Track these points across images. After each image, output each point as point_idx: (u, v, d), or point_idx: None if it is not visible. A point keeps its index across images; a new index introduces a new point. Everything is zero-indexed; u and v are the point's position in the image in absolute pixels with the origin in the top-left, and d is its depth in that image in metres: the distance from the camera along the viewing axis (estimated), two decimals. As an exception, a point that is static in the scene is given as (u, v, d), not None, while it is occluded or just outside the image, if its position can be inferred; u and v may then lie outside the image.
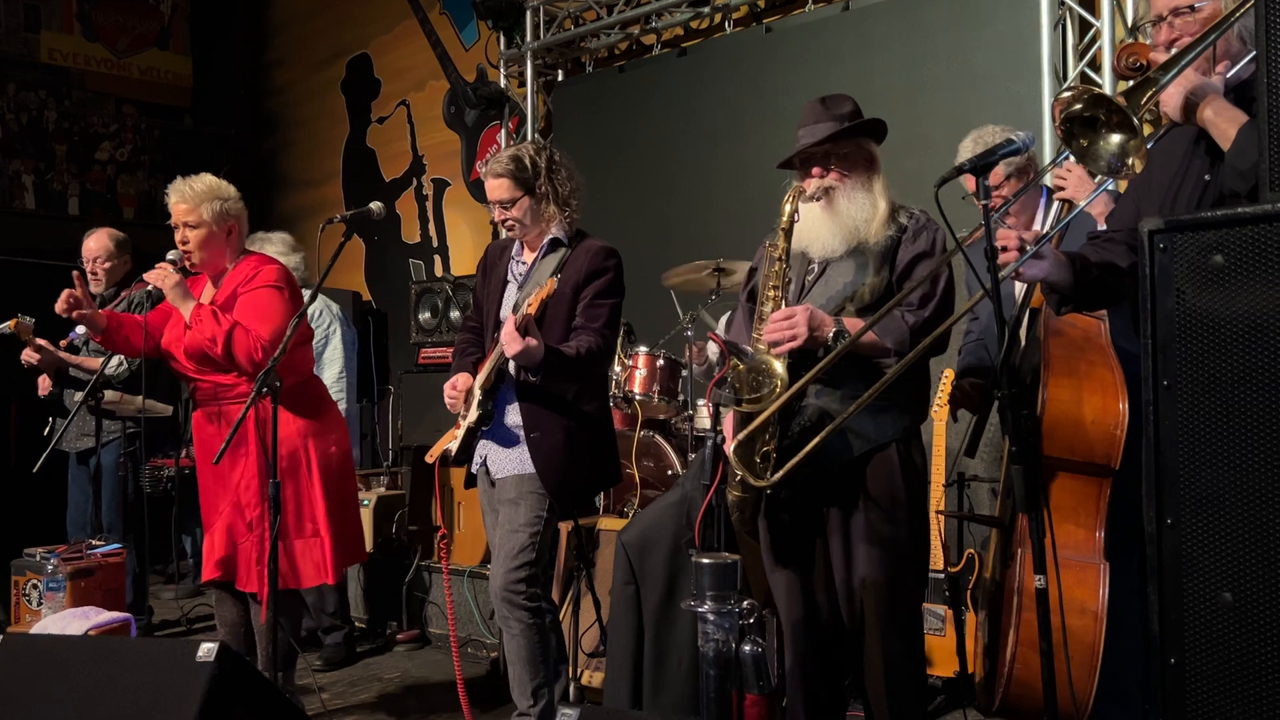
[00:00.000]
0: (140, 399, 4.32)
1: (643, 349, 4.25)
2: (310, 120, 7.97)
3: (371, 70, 7.49)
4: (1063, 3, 4.32)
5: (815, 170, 2.65)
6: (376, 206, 3.33)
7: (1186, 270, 1.59)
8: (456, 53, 6.88)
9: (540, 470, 3.06)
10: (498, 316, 3.21)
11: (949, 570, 3.47)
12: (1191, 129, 2.11)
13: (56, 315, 3.41)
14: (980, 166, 2.08)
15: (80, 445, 4.75)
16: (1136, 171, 1.95)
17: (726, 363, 2.56)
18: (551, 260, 3.16)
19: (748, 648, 2.18)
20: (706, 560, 2.21)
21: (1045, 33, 4.28)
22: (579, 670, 3.58)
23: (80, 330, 4.36)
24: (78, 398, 4.23)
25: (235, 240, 3.44)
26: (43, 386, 4.57)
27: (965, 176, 2.13)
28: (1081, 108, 1.95)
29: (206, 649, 2.31)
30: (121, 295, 4.70)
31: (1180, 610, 1.58)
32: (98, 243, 4.86)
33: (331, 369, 4.84)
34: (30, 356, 4.30)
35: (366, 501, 4.64)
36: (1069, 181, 2.60)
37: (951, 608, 3.47)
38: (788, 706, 2.74)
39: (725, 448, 2.61)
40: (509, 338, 2.88)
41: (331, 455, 3.45)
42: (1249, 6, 1.90)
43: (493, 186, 3.15)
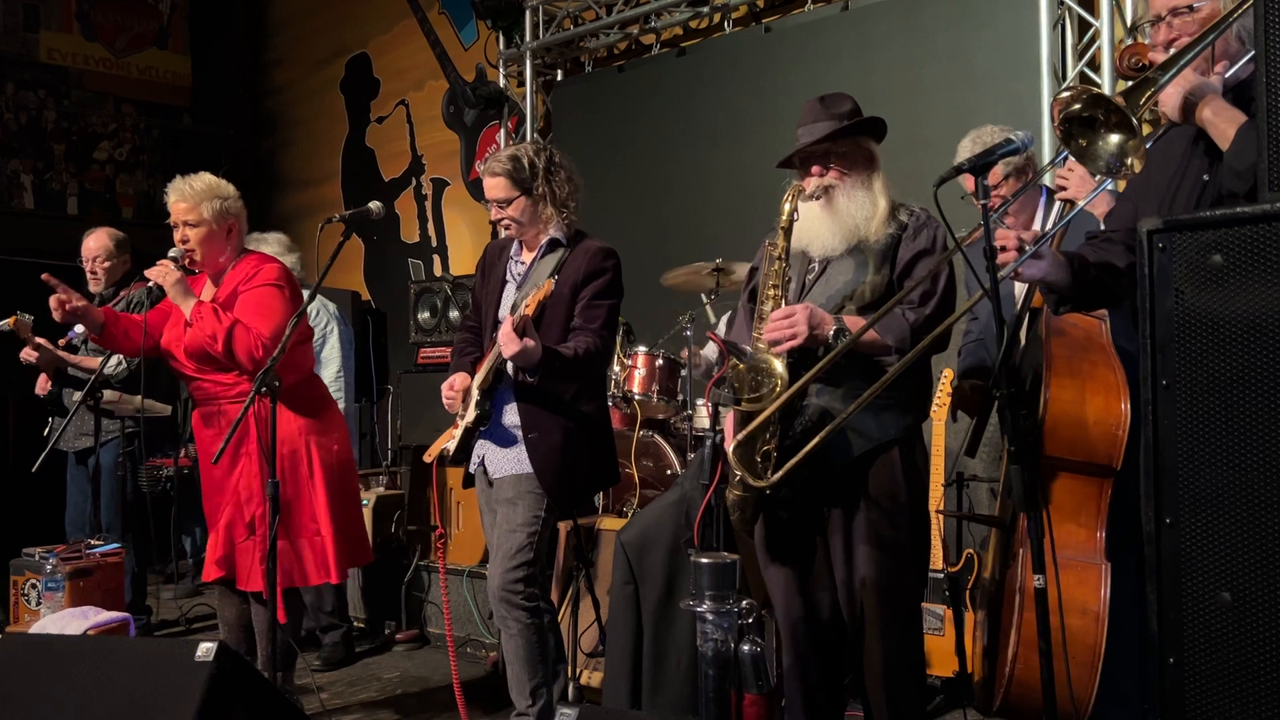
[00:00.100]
0: (139, 398, 4.32)
1: (642, 349, 4.25)
2: (309, 120, 7.97)
3: (371, 70, 7.49)
4: (1062, 3, 4.32)
5: (815, 169, 2.64)
6: (375, 206, 3.33)
7: (1185, 270, 1.59)
8: (455, 52, 6.88)
9: (538, 470, 3.06)
10: (496, 316, 3.20)
11: (948, 570, 3.47)
12: (1190, 129, 2.10)
13: (54, 320, 3.41)
14: (979, 166, 2.08)
15: (79, 445, 4.74)
16: (1135, 171, 1.95)
17: (726, 362, 2.56)
18: (550, 260, 3.16)
19: (746, 647, 2.18)
20: (705, 560, 2.21)
21: (1044, 32, 4.29)
22: (578, 670, 3.58)
23: (79, 329, 4.36)
24: (76, 397, 4.23)
25: (235, 239, 3.44)
26: (41, 385, 4.57)
27: (964, 176, 2.13)
28: (1080, 108, 1.95)
29: (205, 649, 2.31)
30: (121, 295, 4.70)
31: (1179, 610, 1.58)
32: (97, 242, 4.84)
33: (329, 368, 4.83)
34: (29, 355, 4.30)
35: (366, 501, 4.63)
36: (1070, 181, 2.60)
37: (951, 607, 3.47)
38: (786, 706, 2.74)
39: (725, 447, 2.61)
40: (506, 339, 2.87)
41: (333, 454, 3.45)
42: (1247, 6, 1.90)
43: (490, 185, 3.15)
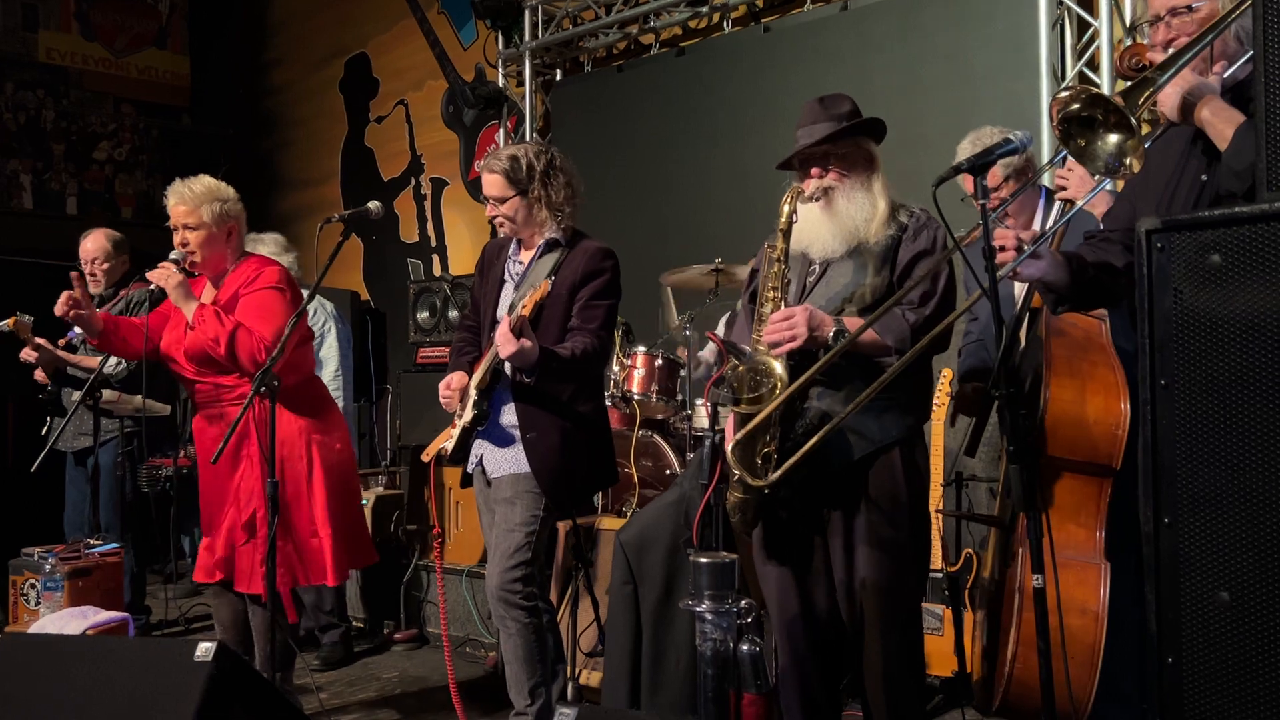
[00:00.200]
0: (138, 398, 4.32)
1: (641, 349, 4.24)
2: (308, 120, 7.96)
3: (370, 70, 7.49)
4: (1061, 3, 4.33)
5: (814, 170, 2.63)
6: (374, 206, 3.33)
7: (1184, 270, 1.59)
8: (455, 52, 6.88)
9: (536, 470, 3.06)
10: (494, 316, 3.20)
11: (947, 569, 3.47)
12: (1189, 129, 2.10)
13: (54, 314, 3.40)
14: (978, 167, 2.08)
15: (78, 444, 4.74)
16: (1134, 171, 1.95)
17: (725, 362, 2.55)
18: (548, 260, 3.16)
19: (745, 647, 2.18)
20: (704, 560, 2.21)
21: (1044, 33, 4.29)
22: (577, 670, 3.58)
23: (78, 329, 4.36)
24: (76, 397, 4.23)
25: (235, 241, 3.44)
26: (41, 374, 4.54)
27: (963, 177, 2.13)
28: (1079, 108, 1.95)
29: (204, 648, 2.31)
30: (120, 295, 4.70)
31: (1177, 609, 1.58)
32: (95, 243, 4.83)
33: (327, 367, 4.83)
34: (29, 355, 4.29)
35: (365, 501, 4.63)
36: (1070, 181, 2.59)
37: (950, 607, 3.47)
38: (783, 706, 2.74)
39: (725, 447, 2.61)
40: (503, 339, 2.87)
41: (335, 454, 3.44)
42: (1246, 7, 1.90)
43: (487, 181, 3.15)
